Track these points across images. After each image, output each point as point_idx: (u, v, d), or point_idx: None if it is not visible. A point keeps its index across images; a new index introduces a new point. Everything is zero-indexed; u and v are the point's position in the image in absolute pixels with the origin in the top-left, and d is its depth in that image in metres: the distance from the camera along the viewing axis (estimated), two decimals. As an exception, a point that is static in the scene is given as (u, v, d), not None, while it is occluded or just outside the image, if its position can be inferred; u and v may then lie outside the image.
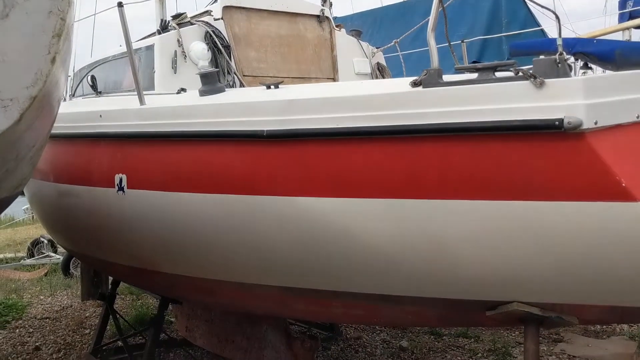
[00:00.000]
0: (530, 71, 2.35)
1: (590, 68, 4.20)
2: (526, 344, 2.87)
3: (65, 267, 9.23)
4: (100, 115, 4.13)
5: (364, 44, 5.69)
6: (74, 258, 8.94)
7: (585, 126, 2.25)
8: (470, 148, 2.48)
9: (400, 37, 6.00)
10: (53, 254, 10.47)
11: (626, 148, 2.34)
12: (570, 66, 2.43)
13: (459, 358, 5.63)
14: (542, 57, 2.47)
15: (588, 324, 5.18)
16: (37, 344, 6.04)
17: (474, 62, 8.99)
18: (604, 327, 6.36)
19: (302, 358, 5.00)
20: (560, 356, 5.60)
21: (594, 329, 6.34)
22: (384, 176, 2.70)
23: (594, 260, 2.48)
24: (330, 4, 5.68)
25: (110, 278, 6.34)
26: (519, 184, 2.43)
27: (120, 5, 3.69)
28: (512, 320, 2.97)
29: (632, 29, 6.78)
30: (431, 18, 2.64)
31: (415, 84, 2.60)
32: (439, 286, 2.89)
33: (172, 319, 6.52)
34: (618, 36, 7.89)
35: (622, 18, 7.33)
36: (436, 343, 6.06)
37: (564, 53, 2.45)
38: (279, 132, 2.96)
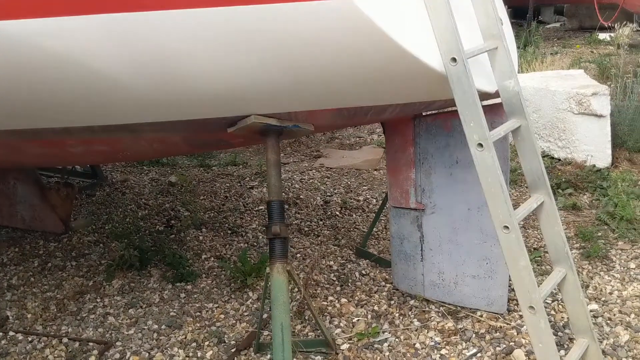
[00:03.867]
0: None
1: None
2: (267, 154, 2.96)
3: None
4: None
5: None
6: None
7: None
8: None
9: None
10: None
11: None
12: None
13: (228, 184, 5.81)
14: None
15: (323, 130, 5.55)
16: None
17: None
18: (358, 139, 6.99)
19: (61, 207, 4.74)
20: (320, 170, 6.07)
21: (349, 142, 6.93)
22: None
23: (317, 64, 2.53)
24: None
25: None
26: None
27: None
28: (254, 134, 3.01)
29: None
30: None
31: None
32: (173, 108, 2.77)
33: None
34: None
35: None
36: (205, 174, 6.15)
37: None
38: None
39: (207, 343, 3.28)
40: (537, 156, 2.71)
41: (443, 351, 3.08)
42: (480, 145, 2.44)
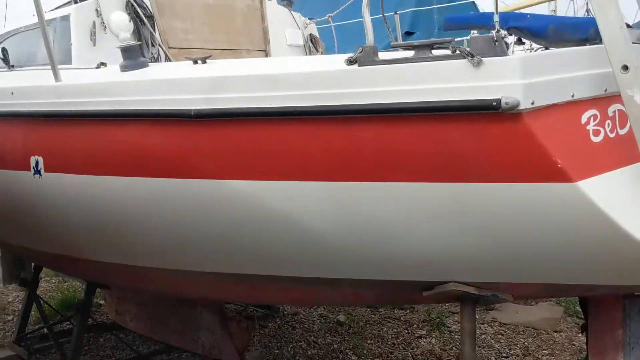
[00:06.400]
0: (468, 49, 2.28)
1: (524, 43, 4.21)
2: (463, 323, 2.88)
3: (-16, 250, 8.69)
4: (12, 93, 3.80)
5: (296, 15, 5.51)
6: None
7: (522, 106, 2.21)
8: (406, 129, 2.40)
9: (335, 12, 5.86)
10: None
11: (562, 128, 2.32)
12: (507, 44, 2.37)
13: (395, 330, 5.70)
14: (478, 34, 2.40)
15: (522, 299, 5.33)
16: (-46, 334, 5.67)
17: (407, 33, 8.94)
18: (532, 293, 6.60)
19: (239, 338, 4.90)
20: (492, 324, 5.76)
21: (523, 295, 6.56)
22: (319, 158, 2.59)
23: (530, 241, 2.48)
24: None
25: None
26: (455, 165, 2.38)
27: None
28: (449, 298, 2.97)
29: (557, -1, 6.99)
30: None
31: (350, 62, 2.49)
32: (377, 268, 2.84)
33: (101, 302, 6.27)
34: (544, 7, 8.04)
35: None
36: (372, 316, 6.11)
37: (501, 30, 2.39)
38: (208, 112, 2.79)
39: None
40: None
41: None
42: None
